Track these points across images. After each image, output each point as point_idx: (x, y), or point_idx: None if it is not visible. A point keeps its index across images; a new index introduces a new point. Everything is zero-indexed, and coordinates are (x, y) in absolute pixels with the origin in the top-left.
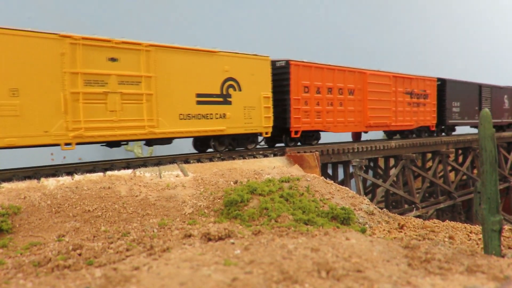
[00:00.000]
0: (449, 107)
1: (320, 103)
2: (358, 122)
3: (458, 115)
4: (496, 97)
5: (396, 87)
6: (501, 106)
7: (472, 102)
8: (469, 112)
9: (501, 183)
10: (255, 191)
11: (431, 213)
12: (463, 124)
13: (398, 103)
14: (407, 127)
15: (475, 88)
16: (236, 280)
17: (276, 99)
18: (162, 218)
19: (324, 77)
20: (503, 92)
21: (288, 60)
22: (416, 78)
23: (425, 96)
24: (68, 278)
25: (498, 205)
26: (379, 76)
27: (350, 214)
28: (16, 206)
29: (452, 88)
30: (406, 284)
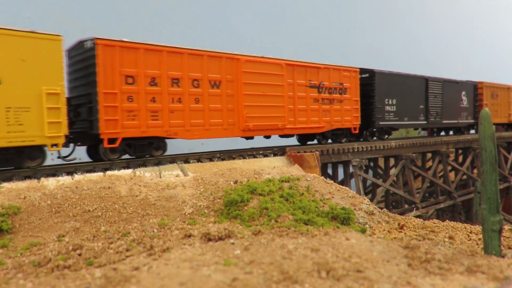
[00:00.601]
0: (379, 105)
1: (158, 99)
2: (229, 124)
3: (395, 115)
4: (450, 94)
5: (294, 78)
6: (457, 104)
7: (415, 100)
8: (411, 112)
9: (501, 183)
10: (255, 191)
11: (431, 213)
12: (402, 126)
13: (297, 99)
14: (314, 129)
15: (420, 83)
16: (236, 280)
17: (83, 95)
18: (162, 218)
19: (165, 63)
20: (460, 87)
21: (94, 38)
22: (326, 68)
23: (343, 91)
24: (68, 278)
25: (498, 205)
26: (261, 64)
27: (350, 214)
28: (16, 206)
29: (384, 82)
30: (406, 284)
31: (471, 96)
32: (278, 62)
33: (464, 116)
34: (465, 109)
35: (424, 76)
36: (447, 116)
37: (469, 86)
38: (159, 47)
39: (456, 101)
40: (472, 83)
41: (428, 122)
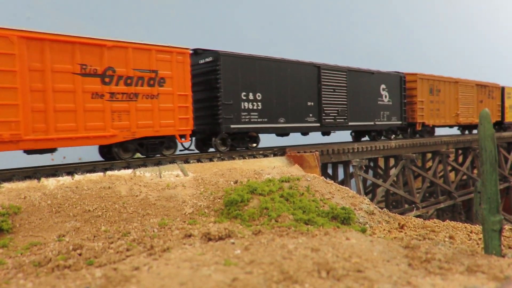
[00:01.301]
0: (228, 102)
1: None
2: None
3: (260, 115)
4: (361, 87)
5: (46, 61)
6: (373, 101)
7: (299, 94)
8: (292, 111)
9: (501, 183)
10: (255, 191)
11: (431, 213)
12: (274, 130)
13: (55, 94)
14: (95, 140)
15: (307, 72)
16: (236, 280)
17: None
18: (162, 218)
19: None
20: (377, 80)
21: None
22: (119, 47)
23: (157, 82)
24: (68, 278)
25: (498, 205)
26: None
27: (350, 214)
28: (17, 206)
29: (238, 69)
30: (406, 284)
31: (396, 90)
32: (4, 34)
33: (384, 117)
34: (386, 108)
35: (314, 63)
36: (356, 117)
37: (393, 78)
38: None
39: (372, 97)
40: (398, 75)
41: (322, 124)
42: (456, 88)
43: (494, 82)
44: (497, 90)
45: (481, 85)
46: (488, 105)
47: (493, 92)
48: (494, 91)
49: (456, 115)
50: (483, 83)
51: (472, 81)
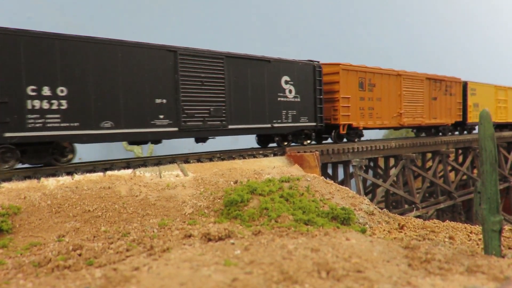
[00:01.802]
0: None
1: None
2: None
3: (65, 118)
4: (250, 79)
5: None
6: (271, 97)
7: (143, 89)
8: (128, 111)
9: (501, 183)
10: (255, 191)
11: (431, 213)
12: (92, 139)
13: None
14: None
15: (155, 58)
16: (236, 280)
17: None
18: (162, 218)
19: None
20: (275, 70)
21: None
22: None
23: None
24: (68, 278)
25: (498, 205)
26: None
27: (350, 214)
28: (16, 206)
29: (24, 52)
30: (406, 284)
31: (307, 84)
32: None
33: (289, 117)
34: (290, 105)
35: (166, 47)
36: (241, 118)
37: (302, 68)
38: None
39: (269, 92)
40: (310, 64)
41: (182, 129)
42: (399, 82)
43: (453, 76)
44: (457, 86)
45: (434, 79)
46: (444, 102)
47: (452, 87)
48: (452, 87)
49: (399, 115)
50: (437, 77)
51: (421, 74)
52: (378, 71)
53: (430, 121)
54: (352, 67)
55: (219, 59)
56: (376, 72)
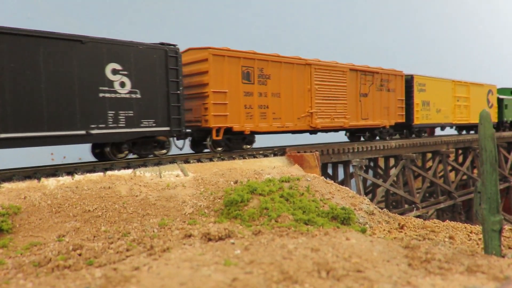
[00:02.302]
0: None
1: None
2: None
3: None
4: (38, 64)
5: None
6: (85, 92)
7: None
8: None
9: (501, 183)
10: (255, 191)
11: (431, 213)
12: None
13: None
14: None
15: None
16: (236, 280)
17: None
18: (162, 218)
19: None
20: (94, 54)
21: None
22: None
23: None
24: (68, 278)
25: (498, 205)
26: None
27: (350, 214)
28: (16, 206)
29: None
30: (406, 284)
31: (154, 75)
32: None
33: (119, 119)
34: (124, 104)
35: None
36: (24, 122)
37: (143, 54)
38: None
39: (84, 84)
40: (159, 48)
41: None
42: (308, 74)
43: (393, 68)
44: (398, 80)
45: (363, 71)
46: (379, 100)
47: (390, 82)
48: (391, 81)
49: (308, 115)
50: (368, 69)
51: (343, 64)
52: (274, 59)
53: (358, 122)
54: (231, 53)
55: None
56: (271, 60)
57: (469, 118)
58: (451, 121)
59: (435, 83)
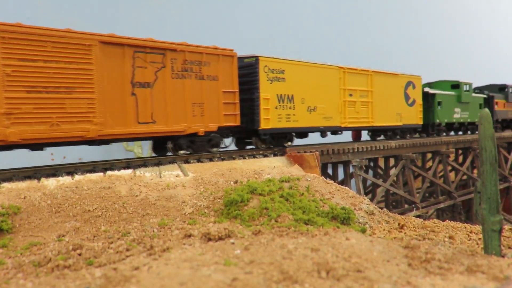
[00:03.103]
0: None
1: None
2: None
3: None
4: None
5: None
6: None
7: None
8: None
9: (501, 183)
10: (255, 191)
11: (431, 213)
12: None
13: None
14: None
15: None
16: (236, 280)
17: None
18: (162, 218)
19: None
20: None
21: None
22: None
23: None
24: (68, 278)
25: (498, 205)
26: None
27: (350, 214)
28: (16, 206)
29: None
30: (406, 284)
31: None
32: None
33: None
34: None
35: None
36: None
37: None
38: None
39: None
40: None
41: None
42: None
43: (215, 46)
44: (223, 63)
45: (140, 47)
46: (181, 92)
47: (206, 65)
48: (210, 65)
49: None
50: (150, 43)
51: (92, 35)
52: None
53: (130, 129)
54: None
55: None
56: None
57: (371, 120)
58: (338, 123)
59: (302, 70)
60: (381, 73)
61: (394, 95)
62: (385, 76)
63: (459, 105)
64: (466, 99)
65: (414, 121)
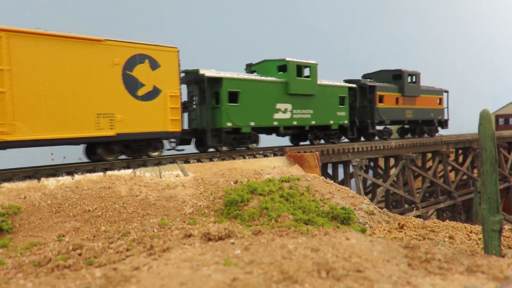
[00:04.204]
0: None
1: None
2: None
3: None
4: None
5: None
6: None
7: None
8: None
9: (501, 183)
10: (255, 191)
11: (431, 213)
12: None
13: None
14: None
15: None
16: (236, 280)
17: None
18: (162, 218)
19: None
20: None
21: None
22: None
23: None
24: (68, 278)
25: (498, 205)
26: None
27: (350, 214)
28: (16, 206)
29: None
30: (406, 284)
31: None
32: None
33: None
34: None
35: None
36: None
37: None
38: None
39: None
40: None
41: None
42: None
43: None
44: None
45: None
46: None
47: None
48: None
49: None
50: None
51: None
52: None
53: None
54: None
55: None
56: None
57: None
58: None
59: None
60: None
61: (93, 78)
62: (52, 41)
63: (286, 99)
64: (303, 89)
65: (160, 127)
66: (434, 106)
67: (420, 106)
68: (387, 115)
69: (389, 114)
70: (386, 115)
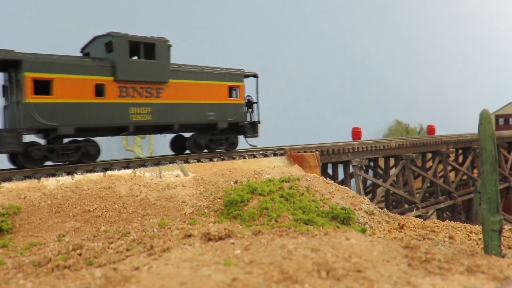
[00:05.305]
0: None
1: None
2: None
3: None
4: None
5: None
6: None
7: None
8: None
9: (501, 183)
10: (255, 191)
11: (431, 213)
12: None
13: None
14: None
15: None
16: (236, 280)
17: None
18: (162, 218)
19: None
20: None
21: None
22: None
23: None
24: (68, 278)
25: (498, 205)
26: None
27: (350, 214)
28: (16, 206)
29: None
30: (406, 284)
31: None
32: None
33: None
34: None
35: None
36: None
37: None
38: None
39: None
40: None
41: None
42: None
43: None
44: None
45: None
46: None
47: None
48: None
49: None
50: None
51: None
52: None
53: None
54: None
55: None
56: None
57: None
58: None
59: None
60: None
61: None
62: None
63: None
64: None
65: None
66: (216, 99)
67: (174, 100)
68: (62, 116)
69: (71, 115)
70: (61, 117)
